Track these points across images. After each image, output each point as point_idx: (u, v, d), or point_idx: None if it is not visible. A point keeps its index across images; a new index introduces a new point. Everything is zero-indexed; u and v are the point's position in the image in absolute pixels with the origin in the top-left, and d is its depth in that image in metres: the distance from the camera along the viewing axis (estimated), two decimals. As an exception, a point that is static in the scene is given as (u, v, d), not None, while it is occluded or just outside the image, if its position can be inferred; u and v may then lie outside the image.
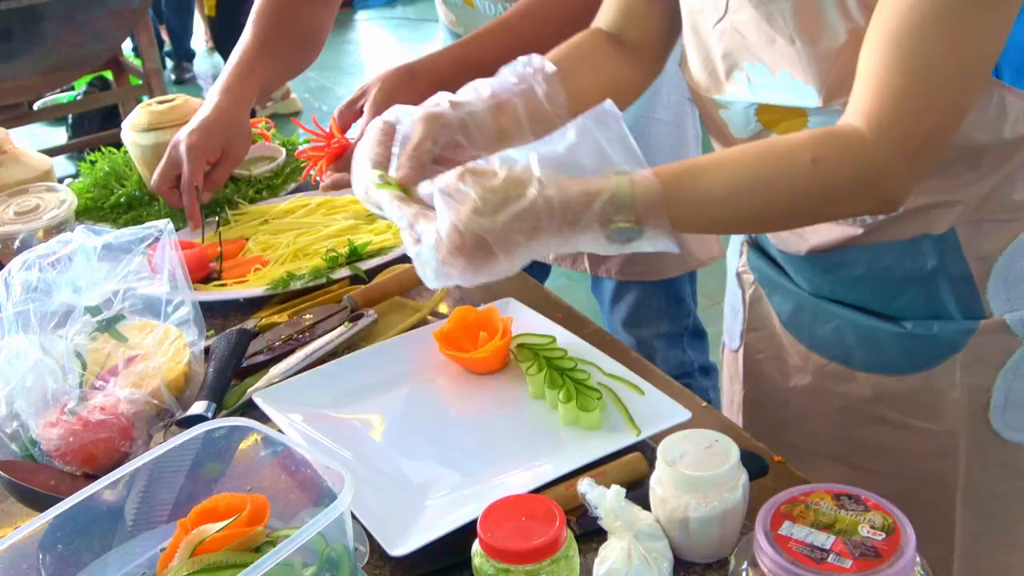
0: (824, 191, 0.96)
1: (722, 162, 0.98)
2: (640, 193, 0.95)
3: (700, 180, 0.96)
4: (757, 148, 0.98)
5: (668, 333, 1.91)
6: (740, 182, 0.96)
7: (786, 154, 0.96)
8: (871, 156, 0.94)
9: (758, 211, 0.99)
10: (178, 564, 0.92)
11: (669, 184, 0.95)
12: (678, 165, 0.97)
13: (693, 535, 0.96)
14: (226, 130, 1.66)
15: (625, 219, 0.95)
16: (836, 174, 0.95)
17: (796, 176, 0.95)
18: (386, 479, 1.12)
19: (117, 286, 1.30)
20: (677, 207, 0.95)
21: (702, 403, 1.23)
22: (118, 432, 1.16)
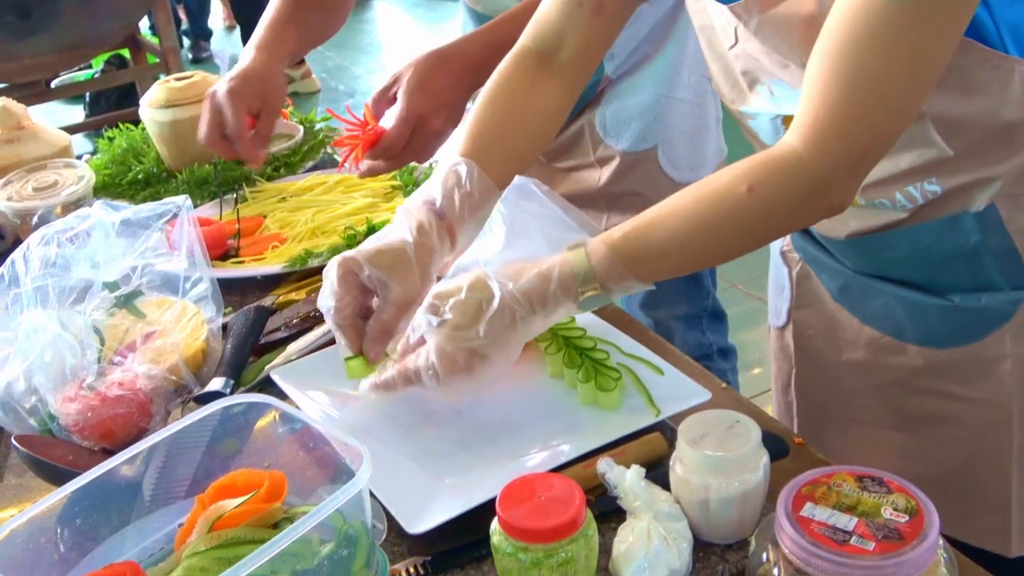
0: (766, 217, 1.00)
1: (666, 214, 1.03)
2: (596, 264, 1.03)
3: (649, 237, 1.03)
4: (697, 191, 1.02)
5: (687, 315, 1.90)
6: (687, 229, 1.02)
7: (724, 190, 1.00)
8: (807, 174, 0.97)
9: (710, 250, 1.05)
10: (196, 539, 0.92)
11: (620, 249, 1.03)
12: (626, 227, 1.04)
13: (713, 516, 0.96)
14: (263, 82, 1.64)
15: (591, 289, 1.04)
16: (774, 199, 0.99)
17: (736, 209, 0.99)
18: (404, 458, 1.11)
19: (135, 262, 1.30)
20: (633, 265, 1.03)
21: (722, 384, 1.22)
22: (136, 408, 1.16)
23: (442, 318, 1.06)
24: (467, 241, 1.22)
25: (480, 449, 1.12)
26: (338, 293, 1.14)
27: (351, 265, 1.15)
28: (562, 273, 1.04)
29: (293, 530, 0.86)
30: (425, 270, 1.17)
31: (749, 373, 2.99)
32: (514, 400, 1.19)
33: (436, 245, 1.17)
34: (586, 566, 0.91)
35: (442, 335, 1.05)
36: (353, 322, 1.16)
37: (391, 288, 1.14)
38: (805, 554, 0.85)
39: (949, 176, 1.07)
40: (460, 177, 1.19)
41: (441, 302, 1.07)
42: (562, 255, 1.07)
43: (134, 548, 1.00)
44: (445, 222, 1.18)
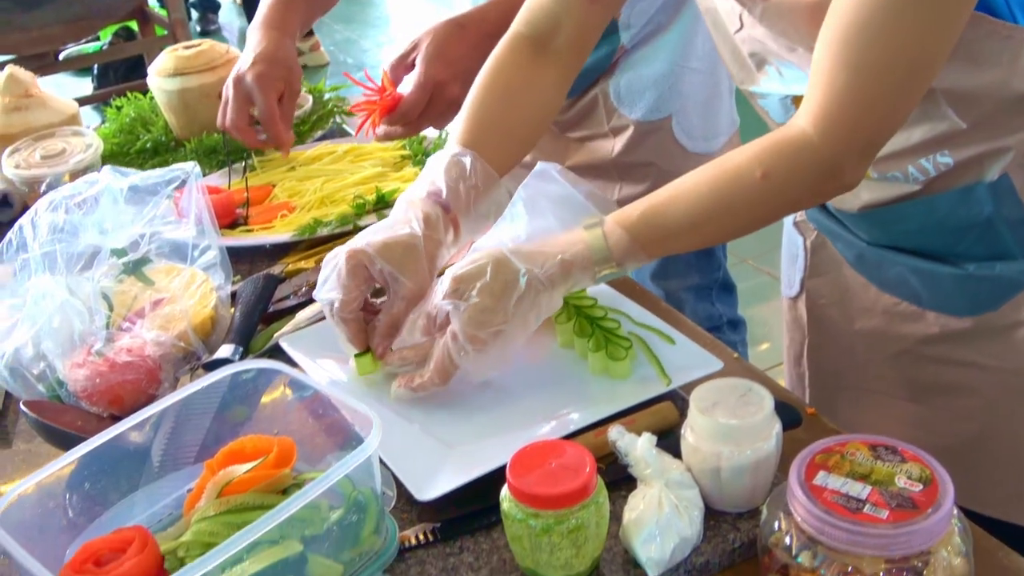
0: (778, 200, 1.04)
1: (680, 195, 1.06)
2: (613, 245, 1.07)
3: (664, 218, 1.06)
4: (711, 174, 1.05)
5: (697, 286, 1.90)
6: (700, 210, 1.04)
7: (737, 174, 1.02)
8: (819, 158, 0.99)
9: (723, 230, 1.10)
10: (205, 504, 0.92)
11: (636, 230, 1.06)
12: (640, 207, 1.07)
13: (725, 484, 0.95)
14: (285, 62, 1.64)
15: (607, 268, 1.08)
16: (786, 184, 1.01)
17: (750, 193, 1.02)
18: (414, 426, 1.11)
19: (143, 229, 1.29)
20: (648, 246, 1.07)
21: (733, 354, 1.22)
22: (145, 374, 1.16)
23: (468, 302, 1.07)
24: (469, 233, 1.22)
25: (490, 417, 1.11)
26: (348, 286, 1.14)
27: (361, 258, 1.14)
28: (581, 255, 1.08)
29: (302, 495, 0.86)
30: (433, 263, 1.17)
31: (757, 348, 2.98)
32: (525, 369, 1.18)
33: (442, 238, 1.17)
34: (596, 533, 0.90)
35: (469, 318, 1.07)
36: (357, 316, 1.16)
37: (402, 283, 1.14)
38: (818, 522, 0.84)
39: (961, 148, 1.06)
40: (465, 169, 1.19)
41: (465, 285, 1.07)
42: (579, 235, 1.09)
43: (143, 513, 1.00)
44: (450, 215, 1.19)
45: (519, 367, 1.17)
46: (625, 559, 0.94)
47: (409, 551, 0.98)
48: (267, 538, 0.86)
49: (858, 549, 0.83)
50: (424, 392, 1.12)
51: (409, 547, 0.98)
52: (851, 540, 0.83)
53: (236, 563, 0.84)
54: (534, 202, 1.13)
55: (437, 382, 1.11)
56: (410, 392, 1.13)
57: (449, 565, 0.96)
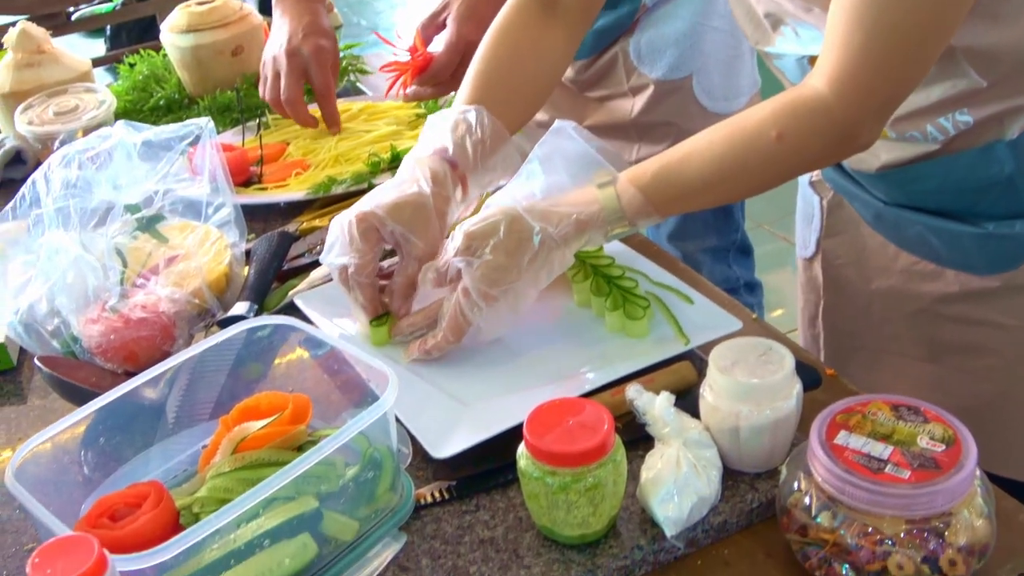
0: (793, 160, 1.03)
1: (694, 154, 1.05)
2: (626, 204, 1.06)
3: (677, 177, 1.05)
4: (726, 134, 1.04)
5: (715, 247, 1.89)
6: (714, 170, 1.04)
7: (753, 135, 1.02)
8: (835, 119, 0.98)
9: (736, 190, 1.11)
10: (220, 460, 0.92)
11: (649, 190, 1.05)
12: (653, 166, 1.06)
13: (744, 444, 0.95)
14: (331, 33, 1.64)
15: (620, 226, 1.08)
16: (801, 145, 1.01)
17: (765, 154, 1.01)
18: (429, 384, 1.10)
19: (157, 186, 1.29)
20: (661, 205, 1.06)
21: (751, 315, 1.21)
22: (159, 330, 1.16)
23: (481, 259, 1.06)
24: (478, 190, 1.21)
25: (507, 376, 1.11)
26: (362, 249, 1.13)
27: (372, 220, 1.13)
28: (594, 214, 1.07)
29: (317, 451, 0.86)
30: (443, 220, 1.16)
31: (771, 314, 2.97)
32: (541, 328, 1.17)
33: (451, 195, 1.16)
34: (613, 492, 0.90)
35: (482, 275, 1.06)
36: (373, 280, 1.15)
37: (414, 243, 1.13)
38: (838, 482, 0.83)
39: (981, 106, 1.05)
40: (470, 125, 1.19)
41: (478, 242, 1.07)
42: (592, 193, 1.08)
43: (158, 469, 1.00)
44: (458, 172, 1.18)
45: (536, 326, 1.17)
46: (642, 518, 0.94)
47: (424, 508, 0.98)
48: (282, 494, 0.86)
49: (878, 509, 0.82)
50: (439, 353, 1.11)
51: (425, 505, 0.98)
52: (872, 500, 0.82)
53: (251, 519, 0.84)
54: (549, 160, 1.12)
55: (451, 339, 1.10)
56: (425, 356, 1.12)
57: (465, 523, 0.96)
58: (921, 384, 1.24)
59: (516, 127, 1.25)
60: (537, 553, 0.92)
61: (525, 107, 1.27)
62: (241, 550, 0.84)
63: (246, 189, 1.55)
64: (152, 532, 0.85)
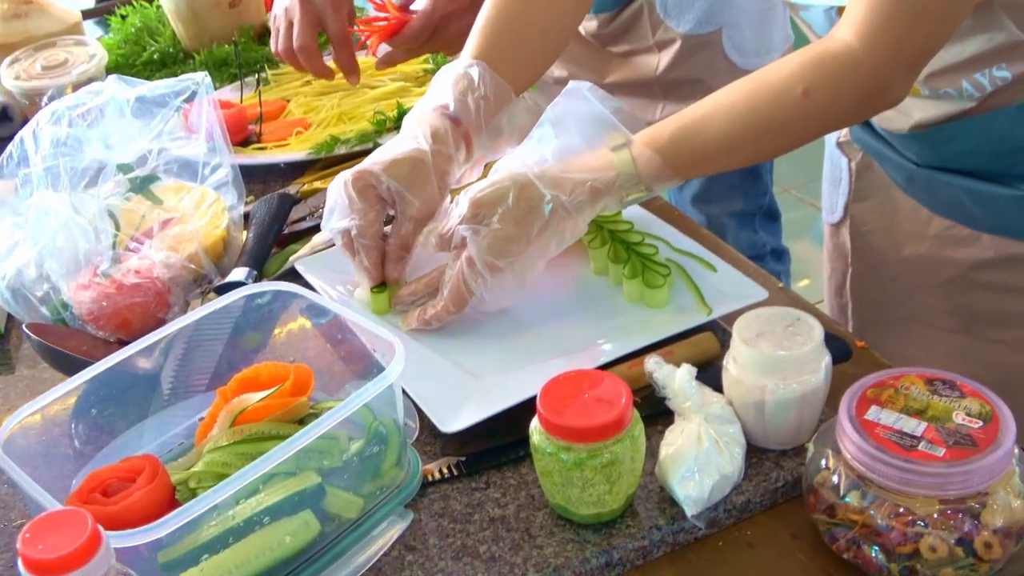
0: (820, 119, 1.03)
1: (715, 113, 1.04)
2: (643, 168, 1.06)
3: (697, 138, 1.05)
4: (748, 90, 1.04)
5: (741, 211, 1.88)
6: (736, 131, 1.03)
7: (777, 91, 1.01)
8: (863, 74, 0.98)
9: (760, 151, 1.10)
10: (218, 433, 0.92)
11: (667, 152, 1.05)
12: (671, 126, 1.06)
13: (769, 419, 0.95)
14: None
15: (636, 192, 1.08)
16: (829, 101, 1.01)
17: (790, 112, 1.01)
18: (438, 355, 1.11)
19: (151, 144, 1.29)
20: (681, 168, 1.06)
21: (778, 284, 1.21)
22: (153, 297, 1.16)
23: (489, 227, 1.06)
24: (483, 150, 1.21)
25: (519, 347, 1.11)
26: (363, 209, 1.13)
27: (367, 178, 1.13)
28: (609, 181, 1.07)
29: (319, 424, 0.86)
30: (444, 180, 1.16)
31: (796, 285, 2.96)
32: (555, 297, 1.17)
33: (453, 154, 1.16)
34: (631, 468, 0.90)
35: (489, 245, 1.06)
36: (378, 242, 1.15)
37: (410, 201, 1.13)
38: (869, 459, 0.84)
39: (1020, 61, 1.05)
40: (473, 80, 1.19)
41: (486, 210, 1.07)
42: (606, 157, 1.08)
43: (152, 442, 1.01)
44: (461, 129, 1.18)
45: (550, 294, 1.17)
46: (661, 497, 0.94)
47: (432, 485, 0.99)
48: (283, 469, 0.86)
49: (911, 488, 0.83)
50: (439, 324, 1.12)
51: (432, 481, 0.99)
52: (903, 479, 0.82)
53: (251, 495, 0.85)
54: (561, 122, 1.12)
55: (452, 309, 1.10)
56: (424, 326, 1.12)
57: (474, 500, 0.97)
58: (955, 356, 1.24)
59: (526, 83, 1.25)
60: (550, 532, 0.93)
61: (536, 62, 1.26)
62: (240, 527, 0.84)
63: (244, 149, 1.55)
64: (147, 508, 0.86)
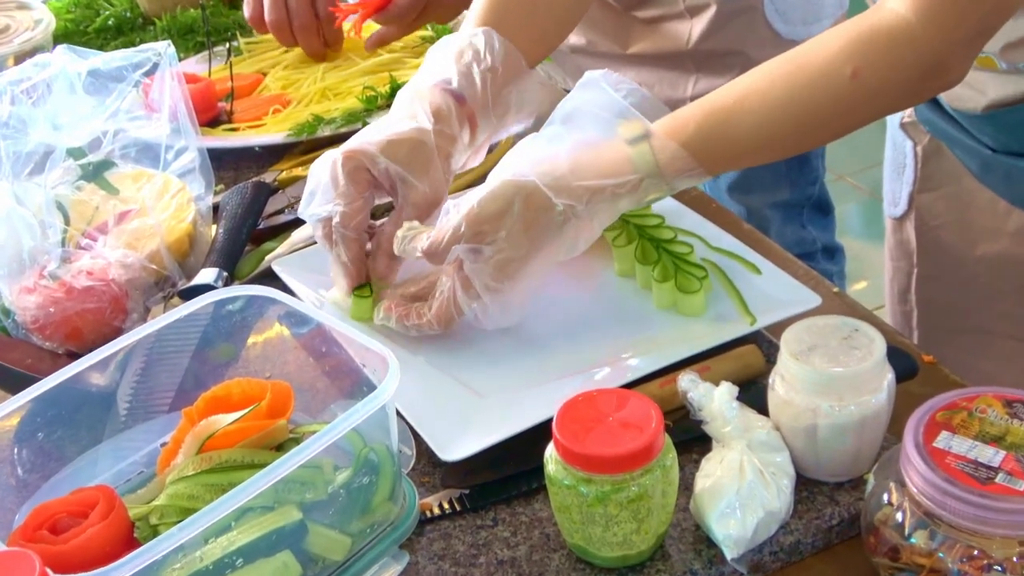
0: (871, 104, 1.02)
1: (747, 97, 1.03)
2: (665, 164, 1.05)
3: (729, 128, 1.04)
4: (788, 71, 1.03)
5: (787, 202, 1.88)
6: (774, 119, 1.03)
7: (822, 72, 1.01)
8: (920, 52, 0.98)
9: (803, 141, 1.11)
10: (183, 462, 0.93)
11: (694, 145, 1.04)
12: (697, 115, 1.05)
13: (822, 447, 0.95)
14: None
15: (656, 192, 1.07)
16: (882, 83, 1.00)
17: (837, 96, 1.01)
18: (438, 371, 1.11)
19: (106, 125, 1.29)
20: (710, 163, 1.05)
21: (832, 288, 1.21)
22: (108, 302, 1.16)
23: (495, 246, 1.05)
24: (489, 129, 1.21)
25: (532, 362, 1.11)
26: (350, 193, 1.13)
27: (361, 159, 1.13)
28: (626, 180, 1.06)
29: (300, 451, 0.87)
30: (448, 164, 1.16)
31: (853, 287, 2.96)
32: (574, 303, 1.18)
33: (457, 135, 1.17)
34: (662, 504, 0.90)
35: (492, 269, 1.06)
36: (360, 235, 1.15)
37: (412, 185, 1.13)
38: (938, 494, 0.83)
39: None
40: (478, 51, 1.18)
41: (489, 227, 1.05)
42: (621, 152, 1.06)
43: (108, 471, 1.01)
44: (465, 108, 1.18)
45: (568, 301, 1.17)
46: (696, 536, 0.94)
47: (431, 522, 0.99)
48: (258, 503, 0.86)
49: (987, 528, 0.82)
50: (417, 333, 1.12)
51: (431, 518, 0.99)
52: (979, 517, 0.82)
53: (221, 533, 0.85)
54: (573, 119, 1.11)
55: (436, 328, 1.11)
56: (401, 327, 1.12)
57: (480, 540, 0.97)
58: None
59: (540, 55, 1.24)
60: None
61: (551, 30, 1.26)
62: (208, 570, 0.84)
63: (213, 130, 1.55)
64: (101, 547, 0.86)
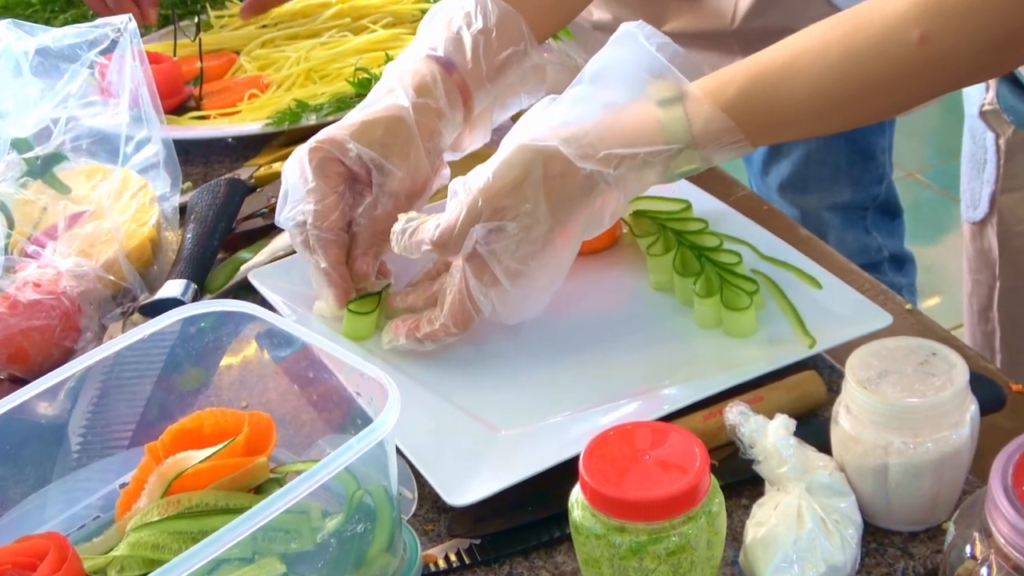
0: (939, 75, 1.03)
1: (799, 59, 1.05)
2: (700, 130, 1.05)
3: (778, 95, 1.05)
4: (846, 33, 1.03)
5: (848, 204, 1.88)
6: (828, 86, 1.04)
7: (884, 35, 1.01)
8: (998, 13, 0.98)
9: (859, 114, 1.11)
10: (147, 505, 0.93)
11: (737, 110, 1.04)
12: (740, 76, 1.05)
13: (894, 490, 0.95)
14: None
15: (688, 164, 1.08)
16: (952, 51, 1.01)
17: (901, 64, 1.02)
18: (444, 400, 1.11)
19: (56, 113, 1.30)
20: (754, 130, 1.05)
21: (905, 304, 1.21)
22: (59, 318, 1.17)
23: (518, 223, 1.06)
24: (487, 100, 1.22)
25: (554, 389, 1.11)
26: (320, 190, 1.14)
27: (329, 148, 1.14)
28: (654, 149, 1.06)
29: (283, 494, 0.86)
30: (433, 142, 1.17)
31: (926, 303, 2.97)
32: (602, 322, 1.18)
33: (444, 108, 1.17)
34: (707, 556, 0.90)
35: (516, 249, 1.06)
36: (340, 236, 1.16)
37: (389, 171, 1.14)
38: (1032, 547, 0.83)
39: None
40: (468, 13, 1.19)
41: (509, 201, 1.06)
42: (651, 114, 1.07)
43: (58, 516, 1.01)
44: (454, 76, 1.18)
45: (595, 318, 1.18)
46: (747, 594, 0.94)
47: (436, 577, 0.99)
48: (235, 555, 0.86)
49: (1089, 587, 0.82)
50: (433, 344, 1.12)
51: (436, 572, 0.99)
52: (1079, 573, 0.82)
53: (193, 589, 0.85)
54: (603, 77, 1.11)
55: (453, 331, 1.11)
56: (415, 343, 1.13)
57: (493, 598, 0.97)
58: None
59: (551, 26, 1.25)
60: (596, 642, 0.93)
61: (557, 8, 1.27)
62: (178, 633, 0.84)
63: (180, 118, 1.56)
64: (52, 605, 0.86)
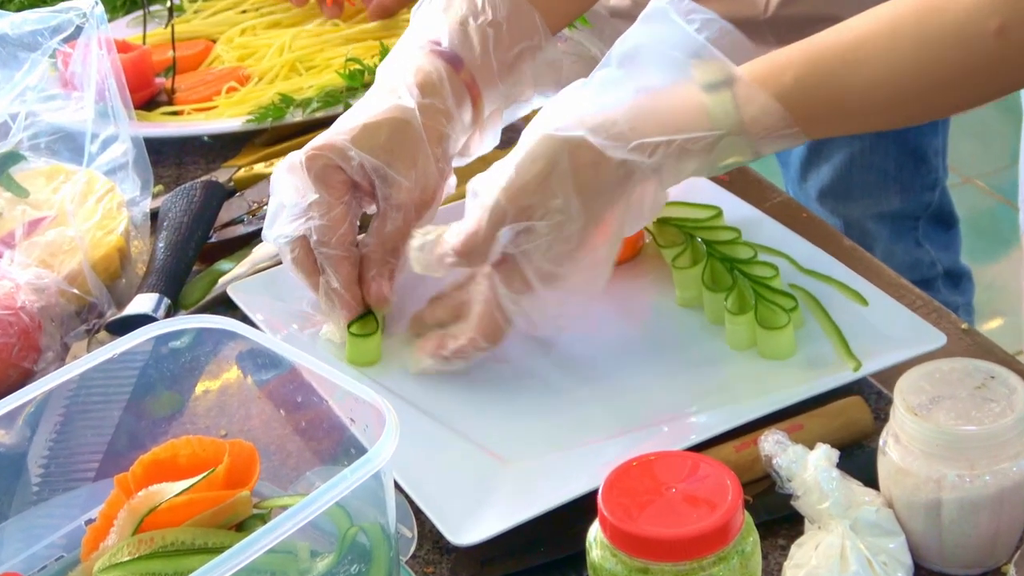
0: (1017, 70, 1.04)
1: (867, 46, 1.05)
2: (752, 117, 1.06)
3: (838, 80, 1.06)
4: (917, 19, 1.04)
5: (897, 212, 1.88)
6: (895, 78, 1.05)
7: (959, 24, 1.02)
8: None
9: (928, 108, 1.13)
10: (117, 544, 0.93)
11: (792, 95, 1.05)
12: (796, 61, 1.07)
13: (948, 529, 0.95)
14: None
15: (735, 155, 1.09)
16: None
17: (977, 57, 1.03)
18: (448, 429, 1.12)
19: (13, 107, 1.30)
20: (810, 122, 1.06)
21: (960, 324, 1.21)
22: (16, 336, 1.17)
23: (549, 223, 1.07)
24: (497, 100, 1.23)
25: (569, 416, 1.12)
26: (324, 202, 1.14)
27: (330, 155, 1.15)
28: (699, 136, 1.06)
29: (268, 533, 0.87)
30: (442, 147, 1.17)
31: (985, 325, 2.96)
32: (624, 342, 1.19)
33: (452, 109, 1.17)
34: (740, 601, 0.91)
35: (548, 250, 1.07)
36: (349, 251, 1.16)
37: (395, 182, 1.15)
38: (1102, 592, 0.84)
39: None
40: (475, 3, 1.20)
41: (536, 198, 1.07)
42: (695, 99, 1.07)
43: (17, 555, 1.01)
44: (462, 73, 1.19)
45: (615, 337, 1.18)
46: (785, 645, 0.95)
47: (438, 625, 1.00)
48: (216, 599, 0.87)
49: None
50: (464, 363, 1.13)
51: (438, 618, 1.00)
52: None
53: (168, 636, 0.86)
54: (635, 59, 1.11)
55: (483, 345, 1.12)
56: (442, 362, 1.13)
57: (501, 648, 0.98)
58: None
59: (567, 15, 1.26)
60: None
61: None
62: None
63: (150, 113, 1.57)
64: (10, 655, 0.87)
